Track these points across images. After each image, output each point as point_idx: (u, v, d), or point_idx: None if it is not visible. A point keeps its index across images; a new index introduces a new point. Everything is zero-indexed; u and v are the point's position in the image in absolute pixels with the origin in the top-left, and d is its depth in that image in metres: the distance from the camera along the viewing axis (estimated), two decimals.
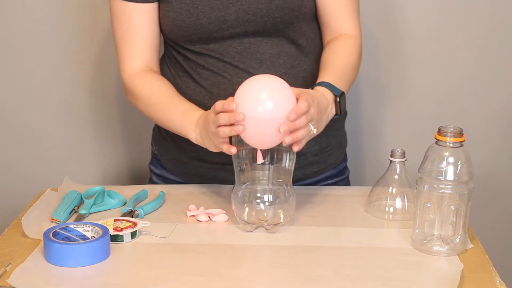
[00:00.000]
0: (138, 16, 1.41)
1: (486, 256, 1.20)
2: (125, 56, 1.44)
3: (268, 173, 1.27)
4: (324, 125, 1.33)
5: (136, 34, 1.42)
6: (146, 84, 1.43)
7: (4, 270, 1.13)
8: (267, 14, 1.38)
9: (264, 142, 1.23)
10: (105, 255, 1.18)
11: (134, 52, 1.43)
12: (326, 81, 1.35)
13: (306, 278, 1.12)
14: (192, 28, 1.38)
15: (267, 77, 1.26)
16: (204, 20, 1.37)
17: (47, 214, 1.34)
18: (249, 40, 1.40)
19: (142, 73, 1.44)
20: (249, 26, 1.39)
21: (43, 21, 1.82)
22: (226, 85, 1.42)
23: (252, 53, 1.41)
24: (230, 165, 1.31)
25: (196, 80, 1.44)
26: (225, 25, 1.38)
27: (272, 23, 1.39)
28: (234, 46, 1.41)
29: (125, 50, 1.44)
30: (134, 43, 1.43)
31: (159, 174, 1.58)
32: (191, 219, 1.34)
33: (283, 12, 1.38)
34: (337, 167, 1.57)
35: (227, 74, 1.42)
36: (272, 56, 1.42)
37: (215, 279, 1.11)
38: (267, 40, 1.41)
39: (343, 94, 1.36)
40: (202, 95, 1.43)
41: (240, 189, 1.28)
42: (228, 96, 1.39)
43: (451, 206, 1.19)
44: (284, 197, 1.28)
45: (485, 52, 1.81)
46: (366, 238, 1.26)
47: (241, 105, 1.21)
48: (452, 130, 1.18)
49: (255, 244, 1.24)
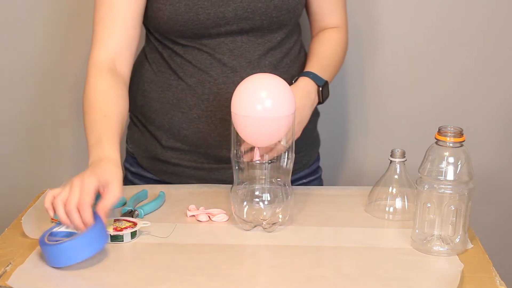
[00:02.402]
0: (121, 1, 1.37)
1: (486, 256, 1.20)
2: (99, 40, 1.38)
3: (266, 172, 1.27)
4: (306, 122, 1.42)
5: (117, 14, 1.37)
6: (103, 86, 1.35)
7: (4, 270, 1.13)
8: (265, 13, 1.38)
9: (262, 140, 1.24)
10: (101, 241, 1.16)
11: (108, 37, 1.37)
12: (311, 71, 1.44)
13: (306, 278, 1.12)
14: (189, 23, 1.37)
15: (266, 76, 1.26)
16: (203, 15, 1.37)
17: (47, 214, 1.33)
18: (241, 38, 1.41)
19: (106, 71, 1.36)
20: (246, 24, 1.39)
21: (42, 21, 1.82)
22: (210, 84, 1.41)
23: (243, 52, 1.41)
24: (208, 164, 1.33)
25: (180, 77, 1.43)
26: (222, 22, 1.38)
27: (268, 23, 1.40)
28: (226, 43, 1.41)
29: (101, 33, 1.38)
30: (111, 26, 1.37)
31: (135, 172, 1.57)
32: (191, 219, 1.34)
33: (280, 12, 1.39)
34: (310, 167, 1.60)
35: (214, 72, 1.41)
36: (259, 57, 1.42)
37: (215, 279, 1.11)
38: (260, 41, 1.42)
39: (327, 83, 1.45)
40: (185, 92, 1.43)
41: (239, 188, 1.28)
42: (212, 95, 1.39)
43: (451, 206, 1.19)
44: (282, 196, 1.28)
45: (485, 52, 1.81)
46: (366, 238, 1.26)
47: (240, 103, 1.21)
48: (452, 130, 1.18)
49: (255, 244, 1.24)
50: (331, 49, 1.52)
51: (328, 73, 1.47)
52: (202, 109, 1.43)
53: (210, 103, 1.42)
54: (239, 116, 1.22)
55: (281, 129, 1.23)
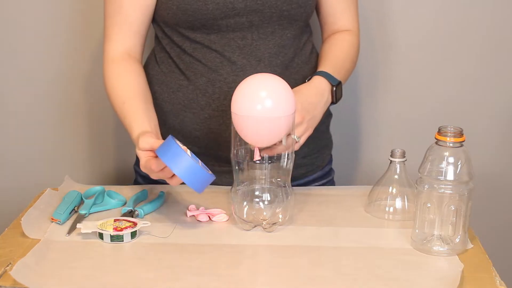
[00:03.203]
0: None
1: (486, 256, 1.20)
2: (110, 36, 1.43)
3: (266, 172, 1.27)
4: (319, 119, 1.40)
5: (125, 16, 1.41)
6: (116, 74, 1.41)
7: (4, 270, 1.13)
8: (275, 6, 1.38)
9: (263, 140, 1.24)
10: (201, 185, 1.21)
11: (119, 33, 1.42)
12: (325, 71, 1.42)
13: (306, 278, 1.12)
14: (197, 13, 1.36)
15: (266, 76, 1.26)
16: (212, 5, 1.36)
17: (47, 214, 1.34)
18: (252, 36, 1.40)
19: (119, 61, 1.42)
20: (255, 17, 1.38)
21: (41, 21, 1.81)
22: (221, 83, 1.41)
23: (253, 50, 1.41)
24: (219, 167, 1.34)
25: (189, 78, 1.43)
26: (232, 12, 1.37)
27: (278, 16, 1.39)
28: (236, 40, 1.40)
29: (111, 30, 1.42)
30: (121, 25, 1.41)
31: (144, 175, 1.57)
32: (191, 219, 1.34)
33: (291, 6, 1.39)
34: (323, 169, 1.59)
35: (223, 71, 1.41)
36: (270, 56, 1.41)
37: (215, 279, 1.11)
38: (270, 38, 1.41)
39: (340, 83, 1.43)
40: (196, 93, 1.43)
41: (239, 188, 1.28)
42: (223, 95, 1.39)
43: (451, 206, 1.19)
44: (282, 196, 1.28)
45: (485, 52, 1.81)
46: (366, 238, 1.26)
47: (240, 103, 1.21)
48: (452, 130, 1.18)
49: (255, 244, 1.24)
50: (344, 51, 1.50)
51: (341, 75, 1.45)
52: (213, 109, 1.42)
53: (221, 102, 1.41)
54: (239, 116, 1.22)
55: (281, 129, 1.23)
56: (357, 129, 1.89)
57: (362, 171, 1.91)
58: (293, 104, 1.23)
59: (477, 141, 1.81)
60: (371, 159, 1.90)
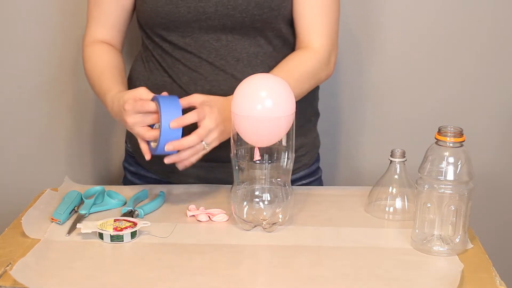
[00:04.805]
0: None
1: (486, 256, 1.20)
2: (89, 27, 1.50)
3: (266, 172, 1.27)
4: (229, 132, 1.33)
5: (103, 10, 1.48)
6: (94, 53, 1.48)
7: (4, 270, 1.13)
8: (245, 11, 1.38)
9: (263, 140, 1.24)
10: None
11: (98, 25, 1.49)
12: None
13: (306, 278, 1.12)
14: (170, 15, 1.38)
15: (266, 76, 1.26)
16: (183, 9, 1.37)
17: (47, 214, 1.34)
18: (226, 37, 1.40)
19: (96, 44, 1.49)
20: (228, 21, 1.38)
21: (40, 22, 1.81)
22: (202, 81, 1.41)
23: (230, 51, 1.41)
24: (206, 162, 1.32)
25: (172, 77, 1.44)
26: (203, 16, 1.38)
27: (250, 20, 1.39)
28: (211, 42, 1.41)
29: (90, 21, 1.50)
30: (98, 18, 1.48)
31: (134, 171, 1.57)
32: (191, 219, 1.34)
33: (262, 10, 1.38)
34: (310, 167, 1.58)
35: (203, 71, 1.41)
36: (249, 56, 1.42)
37: (215, 279, 1.11)
38: (245, 39, 1.41)
39: None
40: (180, 91, 1.43)
41: (239, 188, 1.28)
42: (205, 93, 1.39)
43: (451, 206, 1.19)
44: (282, 196, 1.28)
45: (485, 52, 1.81)
46: (366, 238, 1.26)
47: (240, 103, 1.22)
48: (452, 130, 1.18)
49: (255, 244, 1.24)
50: (299, 66, 1.41)
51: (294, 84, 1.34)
52: None
53: None
54: (239, 116, 1.22)
55: (281, 129, 1.23)
56: (357, 129, 1.89)
57: (362, 171, 1.91)
58: (293, 104, 1.23)
59: (477, 141, 1.81)
60: (371, 159, 1.90)
